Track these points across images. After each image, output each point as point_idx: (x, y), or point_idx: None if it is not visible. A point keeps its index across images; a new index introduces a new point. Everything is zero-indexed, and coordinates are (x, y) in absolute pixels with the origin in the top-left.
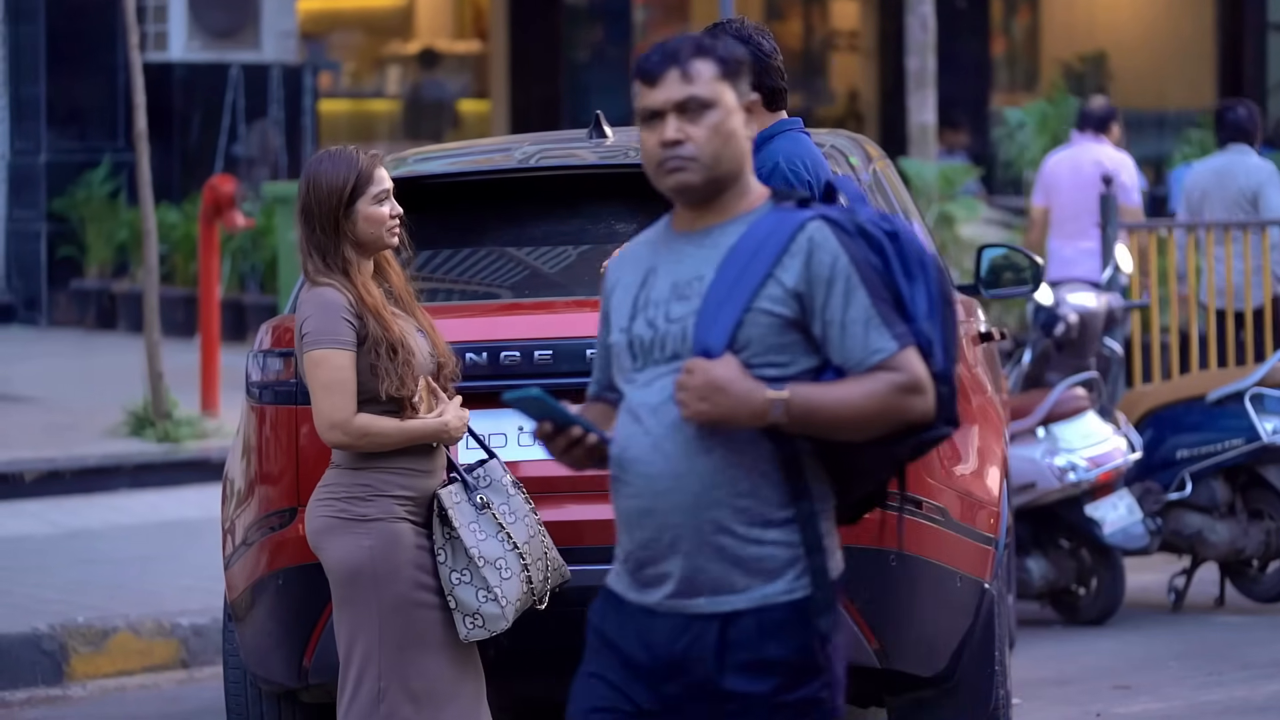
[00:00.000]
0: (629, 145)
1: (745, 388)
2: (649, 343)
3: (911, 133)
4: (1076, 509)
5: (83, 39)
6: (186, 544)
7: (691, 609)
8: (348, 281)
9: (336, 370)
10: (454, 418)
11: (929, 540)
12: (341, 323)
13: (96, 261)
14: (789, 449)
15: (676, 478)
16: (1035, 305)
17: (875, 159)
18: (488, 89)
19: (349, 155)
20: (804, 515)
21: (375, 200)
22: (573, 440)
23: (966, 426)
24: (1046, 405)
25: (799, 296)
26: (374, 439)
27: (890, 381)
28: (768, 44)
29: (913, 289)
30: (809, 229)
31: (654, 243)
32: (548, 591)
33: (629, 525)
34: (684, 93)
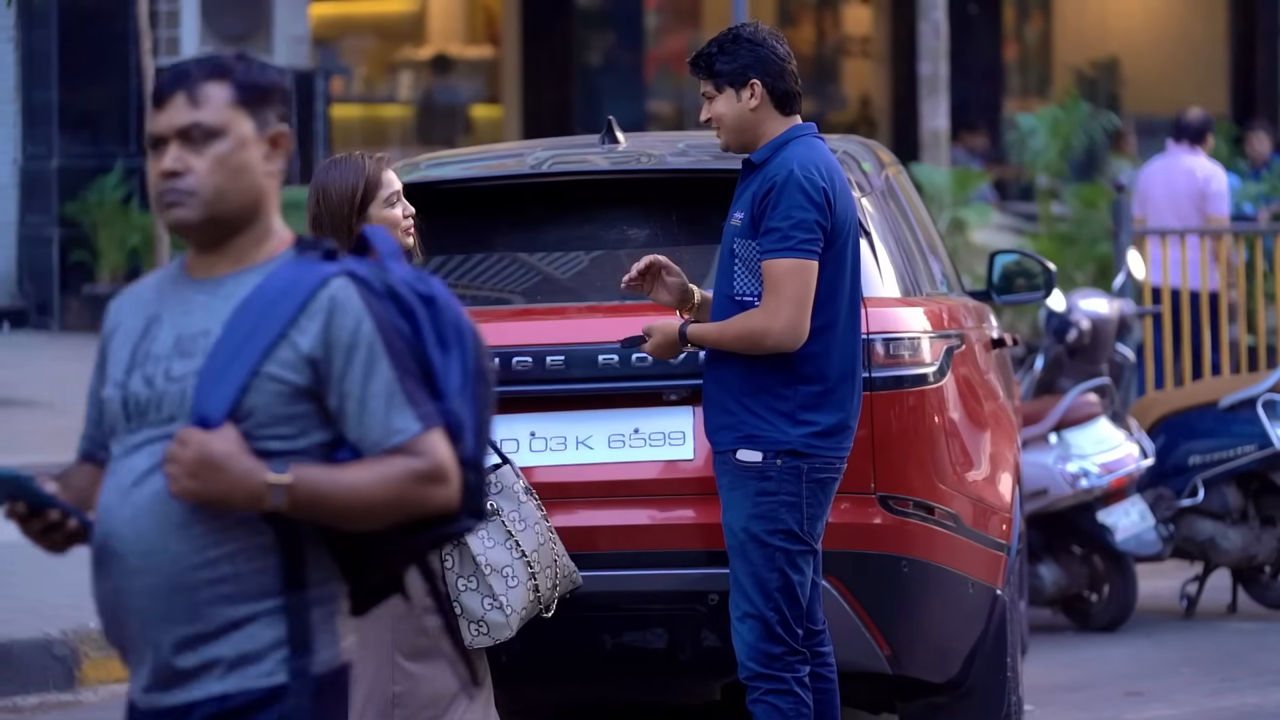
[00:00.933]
0: (641, 151)
1: (243, 468)
2: (145, 402)
3: (924, 138)
4: (1089, 515)
5: (95, 44)
6: None
7: (165, 702)
8: None
9: None
10: None
11: (941, 546)
12: None
13: (109, 266)
14: (288, 533)
15: (149, 556)
16: (1047, 311)
17: (887, 165)
18: (500, 94)
19: (355, 162)
20: (294, 606)
21: (386, 204)
22: (49, 524)
23: (979, 433)
24: (1059, 411)
25: (314, 363)
26: None
27: (409, 468)
28: (782, 49)
29: (446, 361)
30: (331, 286)
31: (163, 286)
32: (555, 599)
33: (101, 610)
34: (188, 119)
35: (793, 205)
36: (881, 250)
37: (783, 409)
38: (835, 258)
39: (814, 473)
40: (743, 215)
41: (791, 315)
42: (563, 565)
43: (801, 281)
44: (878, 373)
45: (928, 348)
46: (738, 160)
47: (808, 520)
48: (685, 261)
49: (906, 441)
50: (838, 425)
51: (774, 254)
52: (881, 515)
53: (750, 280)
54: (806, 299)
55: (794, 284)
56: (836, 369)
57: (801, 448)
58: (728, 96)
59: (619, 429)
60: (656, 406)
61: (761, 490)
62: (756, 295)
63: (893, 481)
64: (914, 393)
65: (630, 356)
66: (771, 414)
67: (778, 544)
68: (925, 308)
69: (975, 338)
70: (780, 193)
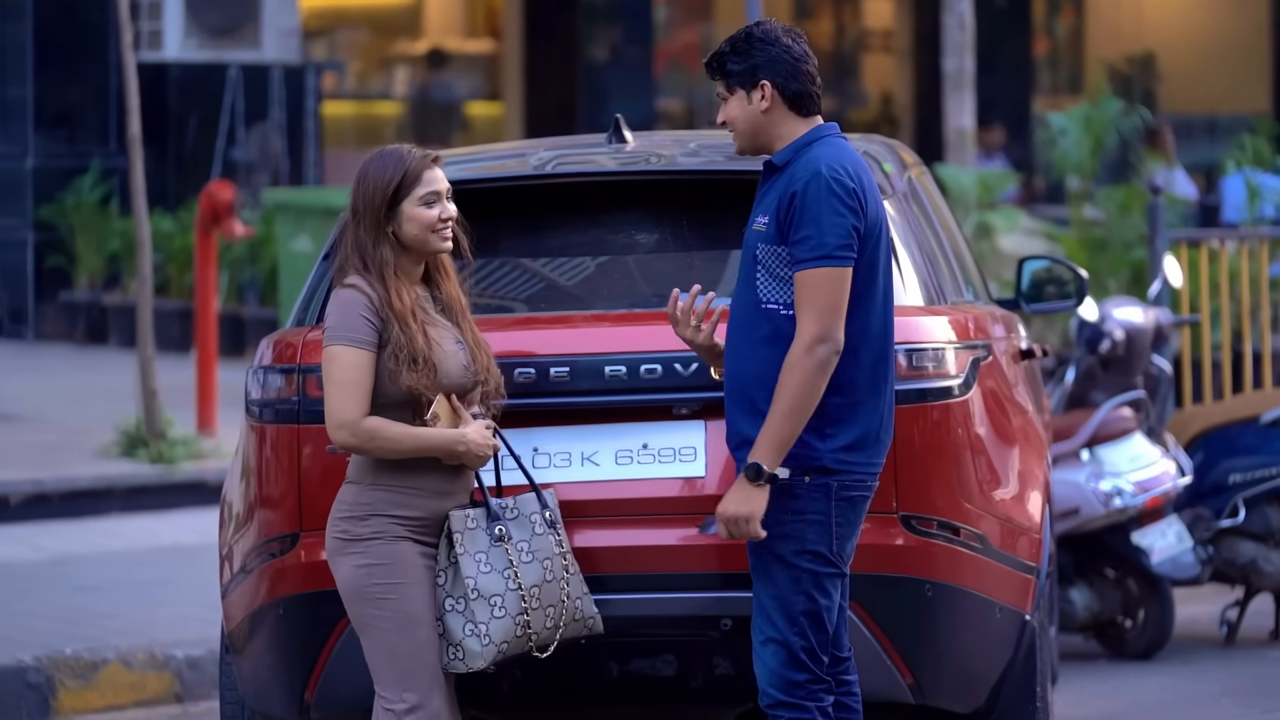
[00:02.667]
0: (650, 151)
1: None
2: None
3: (948, 138)
4: (1123, 536)
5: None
6: (181, 571)
7: None
8: (380, 283)
9: (349, 368)
10: (475, 434)
11: (967, 569)
12: (360, 320)
13: (86, 272)
14: None
15: None
16: (1079, 320)
17: (910, 166)
18: (500, 91)
19: (400, 153)
20: None
21: (422, 202)
22: None
23: (1007, 449)
24: (1091, 426)
25: None
26: (382, 443)
27: None
28: (798, 47)
29: None
30: None
31: None
32: (555, 641)
33: None
34: None
35: (824, 209)
36: (904, 256)
37: (810, 422)
38: (866, 261)
39: (843, 490)
40: (766, 219)
41: (827, 323)
42: (573, 607)
43: (837, 290)
44: (900, 385)
45: (953, 359)
46: (753, 161)
47: (836, 541)
48: (698, 269)
49: (930, 458)
50: (868, 439)
51: (808, 264)
52: (904, 536)
53: (776, 287)
54: (841, 304)
55: (830, 293)
56: (867, 378)
57: (830, 463)
58: (739, 98)
59: (627, 444)
60: (666, 421)
61: (788, 508)
62: (782, 303)
63: (916, 500)
64: (938, 406)
65: (639, 368)
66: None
67: (804, 566)
68: (950, 317)
69: (1003, 349)
70: (809, 196)
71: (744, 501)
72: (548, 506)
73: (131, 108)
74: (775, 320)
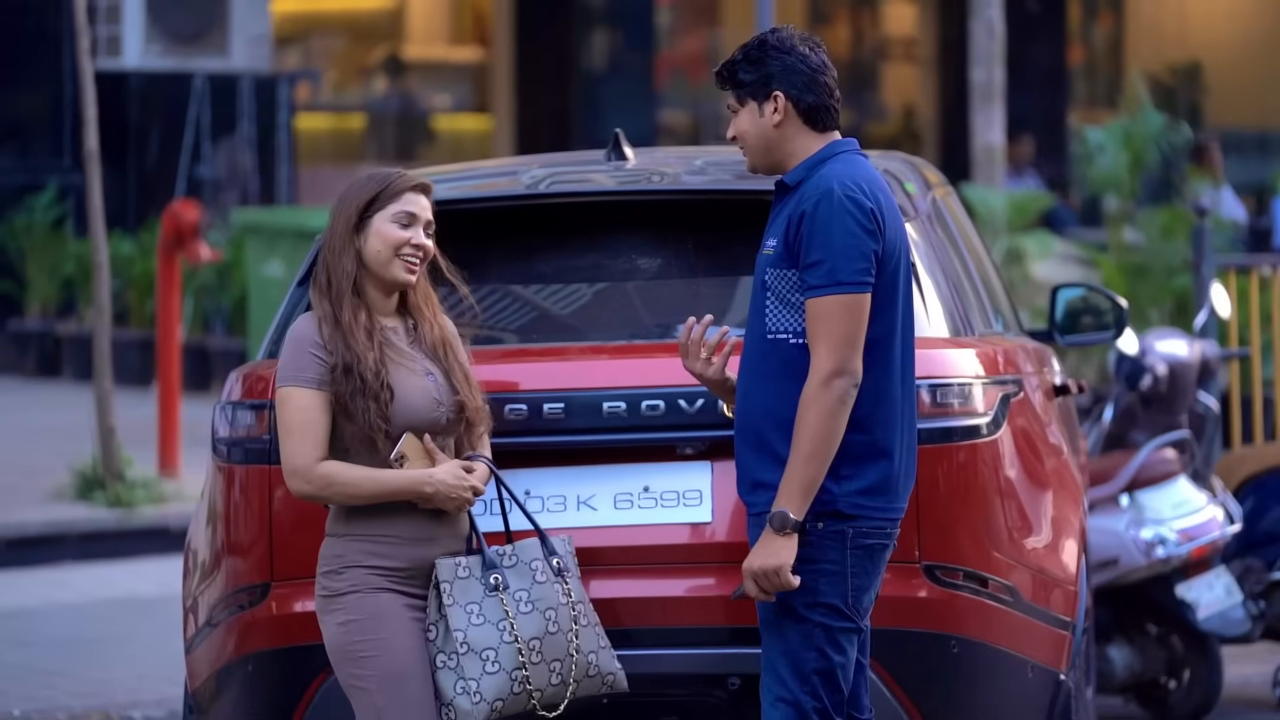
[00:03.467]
0: (652, 169)
1: None
2: None
3: (976, 155)
4: (1166, 589)
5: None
6: (140, 625)
7: None
8: (335, 298)
9: (298, 411)
10: (446, 474)
11: (995, 624)
12: (307, 357)
13: (39, 299)
14: None
15: None
16: (1118, 354)
17: (934, 185)
18: (489, 102)
19: (389, 171)
20: None
21: (394, 219)
22: None
23: (1039, 493)
24: (1131, 469)
25: None
26: (341, 489)
27: None
28: (815, 56)
29: None
30: None
31: None
32: (565, 699)
33: None
34: None
35: (835, 230)
36: (928, 283)
37: None
38: (885, 287)
39: (861, 537)
40: (775, 242)
41: (843, 354)
42: (585, 661)
43: (853, 319)
44: (923, 424)
45: (980, 395)
46: (765, 180)
47: (852, 593)
48: (704, 297)
49: (956, 503)
50: (888, 481)
51: (820, 290)
52: (927, 588)
53: (785, 315)
54: (857, 335)
55: (845, 323)
56: (885, 415)
57: (846, 508)
58: (750, 111)
59: (626, 487)
60: (669, 461)
61: (800, 557)
62: (792, 332)
63: (940, 549)
64: (964, 447)
65: (640, 405)
66: None
67: (817, 619)
68: (977, 349)
69: (1035, 384)
70: (820, 216)
71: (772, 554)
72: (555, 553)
73: (88, 120)
74: (784, 351)
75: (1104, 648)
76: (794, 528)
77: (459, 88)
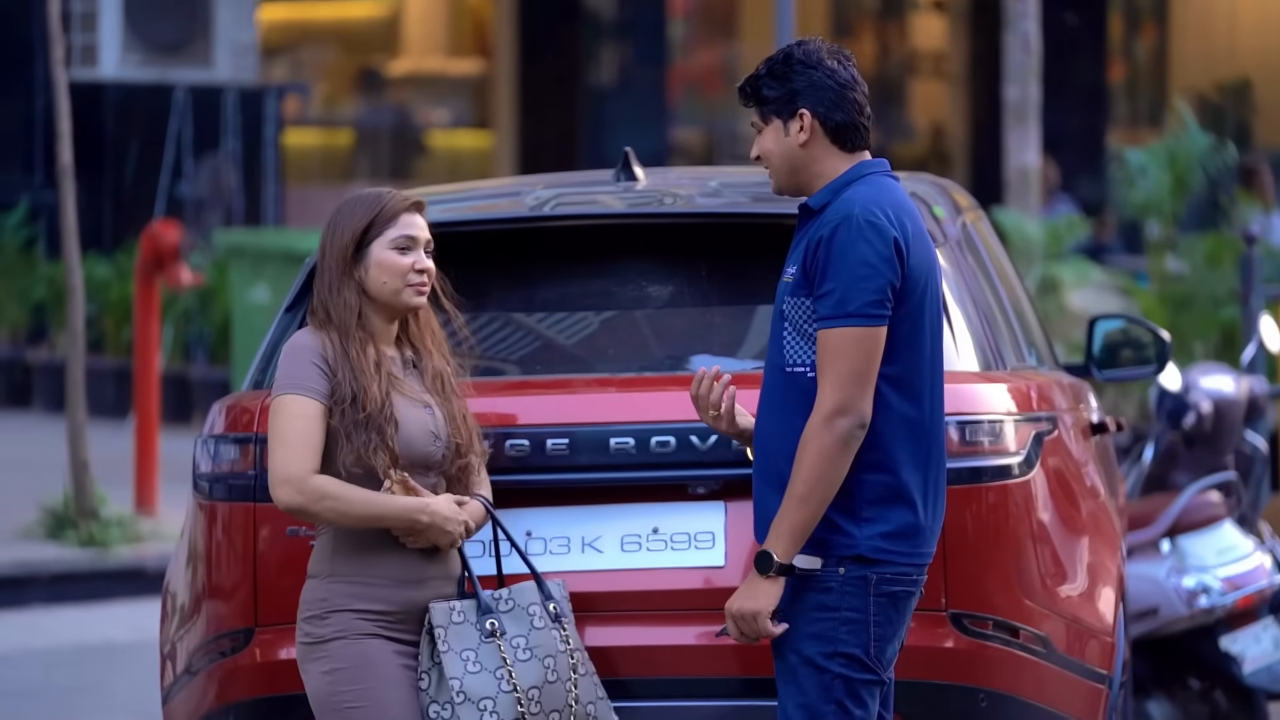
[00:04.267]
0: (664, 190)
1: None
2: None
3: (1009, 177)
4: (1210, 641)
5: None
6: (113, 673)
7: None
8: (341, 335)
9: (296, 418)
10: (442, 505)
11: (1027, 676)
12: (310, 368)
13: (7, 324)
14: None
15: None
16: (1160, 390)
17: (964, 209)
18: (490, 118)
19: (378, 194)
20: None
21: (394, 245)
22: None
23: (1075, 538)
24: (1173, 513)
25: None
26: (332, 504)
27: None
28: (844, 71)
29: None
30: None
31: None
32: None
33: None
34: None
35: (852, 259)
36: (957, 314)
37: (847, 505)
38: (910, 318)
39: (885, 584)
40: (795, 269)
41: (849, 391)
42: (585, 712)
43: (863, 354)
44: (951, 463)
45: (1012, 433)
46: (784, 203)
47: (875, 643)
48: (719, 328)
49: (985, 547)
50: (913, 525)
51: (829, 321)
52: (954, 637)
53: (802, 346)
54: (868, 372)
55: (853, 358)
56: (910, 454)
57: (869, 553)
58: (775, 129)
59: (634, 528)
60: (680, 501)
61: (819, 604)
62: (809, 365)
63: (968, 596)
64: (995, 488)
65: (650, 441)
66: (834, 511)
67: (836, 670)
68: (1009, 385)
69: (1070, 422)
70: (838, 242)
71: (751, 597)
72: (551, 598)
73: (62, 134)
74: (802, 385)
75: (1143, 703)
76: (779, 571)
77: (458, 102)
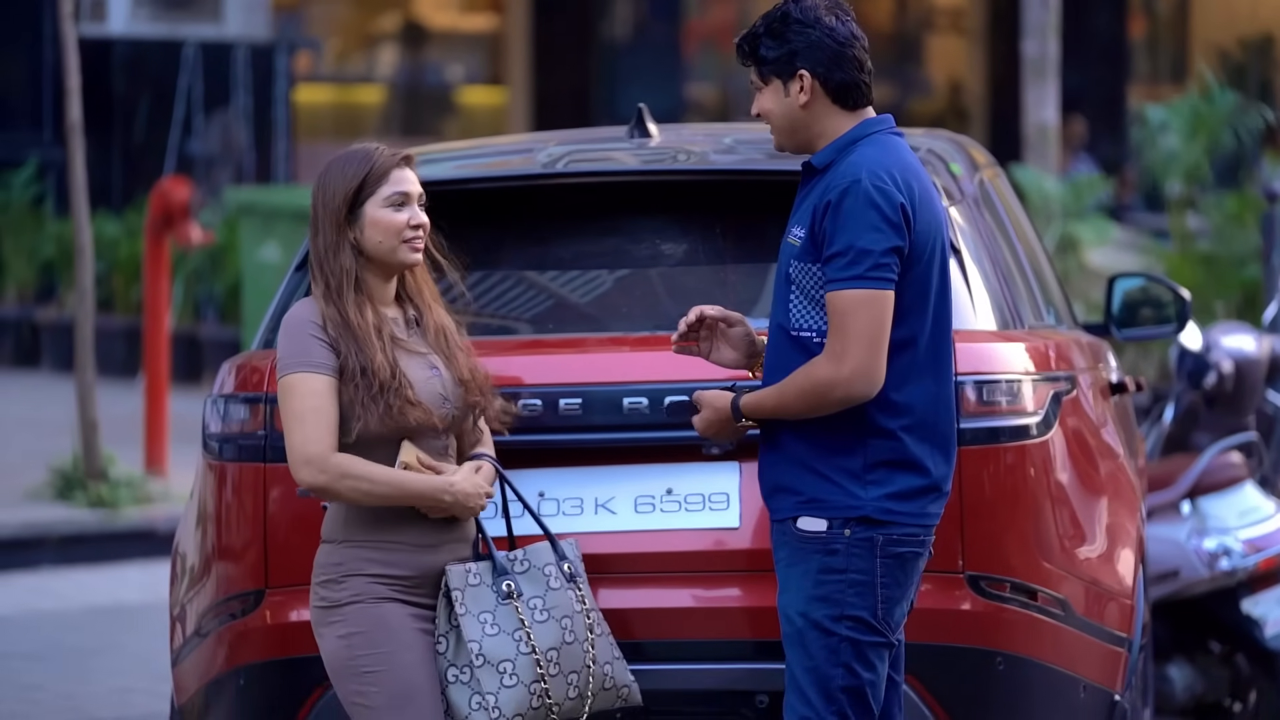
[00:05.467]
0: (678, 147)
1: None
2: None
3: (1028, 134)
4: (1231, 604)
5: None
6: (123, 635)
7: None
8: (337, 297)
9: (309, 396)
10: (464, 481)
11: (1045, 639)
12: (312, 342)
13: (15, 283)
14: None
15: None
16: (1180, 350)
17: (982, 167)
18: (503, 74)
19: (365, 151)
20: None
21: (388, 204)
22: None
23: (1093, 499)
24: (1193, 474)
25: None
26: (355, 483)
27: None
28: (843, 28)
29: None
30: None
31: None
32: (583, 713)
33: None
34: None
35: (861, 224)
36: (974, 272)
37: (852, 467)
38: (916, 282)
39: (891, 545)
40: (801, 232)
41: (861, 358)
42: (601, 673)
43: (873, 316)
44: (968, 424)
45: (1030, 393)
46: (795, 160)
47: (882, 605)
48: (733, 286)
49: (1003, 509)
50: (920, 485)
51: (839, 284)
52: (971, 600)
53: (809, 312)
54: (880, 336)
55: (864, 319)
56: (918, 416)
57: (875, 514)
58: (774, 89)
59: (648, 489)
60: (694, 462)
61: (825, 567)
62: (816, 330)
63: (985, 558)
64: (1012, 448)
65: (663, 400)
66: (839, 473)
67: (844, 633)
68: (1027, 344)
69: (1089, 381)
70: (846, 208)
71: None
72: (565, 558)
73: (71, 90)
74: (809, 350)
75: (1163, 667)
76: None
77: (471, 58)
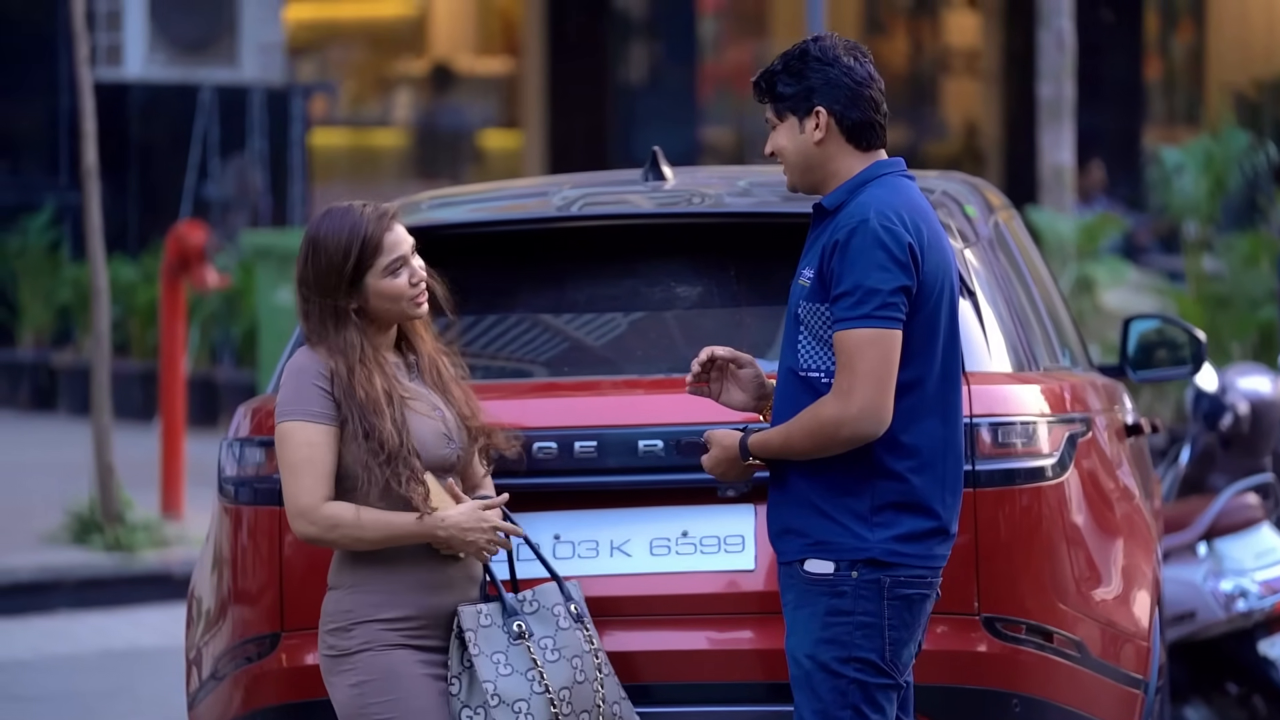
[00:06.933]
0: (693, 190)
1: None
2: None
3: (1043, 176)
4: (1247, 646)
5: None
6: (139, 679)
7: None
8: (350, 373)
9: (303, 447)
10: (460, 515)
11: (1061, 681)
12: (314, 391)
13: (32, 327)
14: None
15: None
16: (1196, 391)
17: (997, 208)
18: (519, 118)
19: (354, 215)
20: None
21: (389, 272)
22: None
23: (1109, 540)
24: (1210, 515)
25: None
26: (347, 531)
27: None
28: (860, 69)
29: None
30: None
31: None
32: None
33: None
34: None
35: (868, 263)
36: (989, 313)
37: (859, 509)
38: (924, 324)
39: (898, 587)
40: (811, 273)
41: (869, 396)
42: (611, 712)
43: (880, 355)
44: (983, 465)
45: (1045, 435)
46: (810, 202)
47: (890, 647)
48: (748, 328)
49: (1019, 550)
50: (929, 529)
51: (846, 323)
52: (987, 641)
53: (817, 352)
54: (887, 375)
55: (871, 358)
56: (926, 458)
57: (882, 555)
58: (790, 126)
59: (664, 532)
60: (710, 504)
61: (833, 609)
62: (824, 370)
63: (1001, 600)
64: (1028, 490)
65: (678, 443)
66: (846, 515)
67: (851, 675)
68: (1043, 385)
69: (1105, 423)
70: (853, 247)
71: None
72: (572, 599)
73: (87, 134)
74: (817, 390)
75: (1180, 708)
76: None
77: (486, 102)
